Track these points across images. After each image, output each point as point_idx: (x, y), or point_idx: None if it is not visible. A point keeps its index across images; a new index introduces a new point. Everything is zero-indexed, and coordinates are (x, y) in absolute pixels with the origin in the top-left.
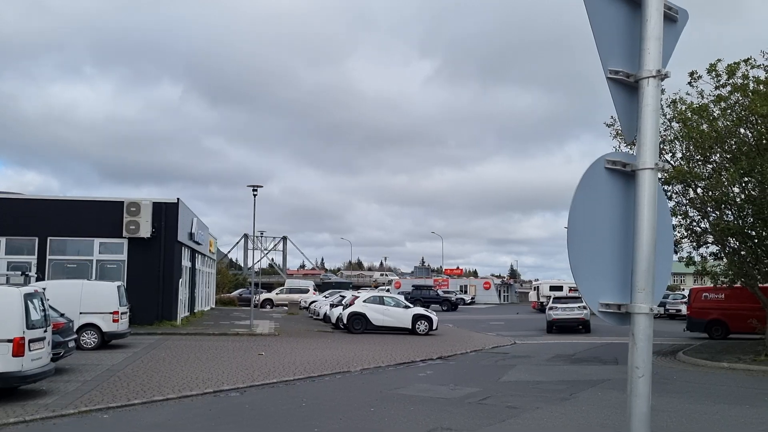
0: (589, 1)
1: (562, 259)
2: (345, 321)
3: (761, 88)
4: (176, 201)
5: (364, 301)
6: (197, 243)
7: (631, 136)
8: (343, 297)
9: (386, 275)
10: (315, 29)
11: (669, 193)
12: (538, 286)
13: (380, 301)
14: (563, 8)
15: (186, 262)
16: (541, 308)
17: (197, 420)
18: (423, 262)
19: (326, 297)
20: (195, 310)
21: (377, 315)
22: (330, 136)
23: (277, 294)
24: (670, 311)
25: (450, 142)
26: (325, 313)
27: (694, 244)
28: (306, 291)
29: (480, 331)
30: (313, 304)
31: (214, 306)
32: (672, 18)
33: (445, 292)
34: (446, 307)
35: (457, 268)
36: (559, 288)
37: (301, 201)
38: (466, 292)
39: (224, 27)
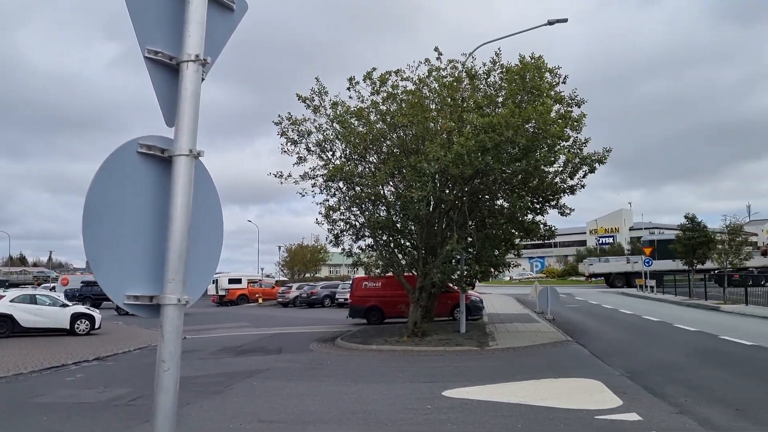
0: None
1: (250, 252)
2: None
3: (409, 98)
4: None
5: (11, 301)
6: None
7: (172, 121)
8: None
9: (43, 273)
10: None
11: (333, 190)
12: (217, 279)
13: (32, 300)
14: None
15: None
16: (220, 301)
17: None
18: None
19: None
20: None
21: (28, 316)
22: None
23: None
24: (339, 300)
25: (137, 130)
26: None
27: (354, 237)
28: None
29: (150, 327)
30: None
31: None
32: (227, 6)
33: None
34: None
35: None
36: (238, 281)
37: None
38: None
39: None
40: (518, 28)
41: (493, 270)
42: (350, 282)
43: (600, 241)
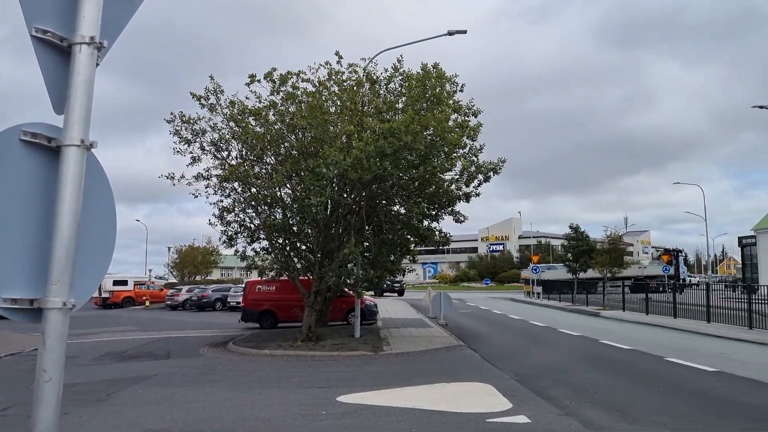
0: None
1: (138, 253)
2: None
3: (309, 99)
4: None
5: None
6: None
7: (62, 108)
8: None
9: None
10: None
11: (228, 191)
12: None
13: None
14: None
15: None
16: (104, 304)
17: None
18: None
19: None
20: None
21: None
22: None
23: None
24: (232, 303)
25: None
26: None
27: (248, 239)
28: None
29: (24, 332)
30: None
31: None
32: None
33: None
34: None
35: None
36: (124, 282)
37: None
38: None
39: None
40: (417, 38)
41: (388, 275)
42: (243, 285)
43: (491, 249)
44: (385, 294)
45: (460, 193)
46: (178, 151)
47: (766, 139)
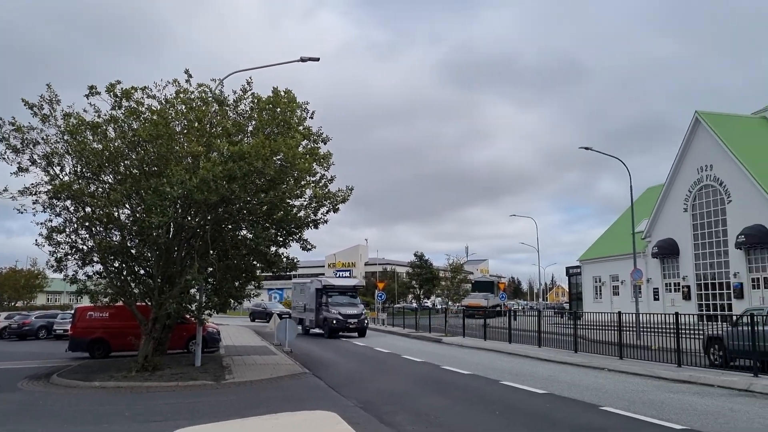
0: None
1: None
2: None
3: (154, 117)
4: None
5: None
6: None
7: None
8: None
9: None
10: None
11: (59, 209)
12: None
13: None
14: None
15: None
16: None
17: None
18: None
19: None
20: None
21: None
22: None
23: None
24: (58, 331)
25: None
26: None
27: (80, 262)
28: None
29: None
30: None
31: None
32: None
33: None
34: None
35: None
36: None
37: None
38: None
39: None
40: (267, 64)
41: (232, 301)
42: (72, 312)
43: (338, 275)
44: (341, 335)
45: (309, 220)
46: (2, 158)
47: (588, 178)
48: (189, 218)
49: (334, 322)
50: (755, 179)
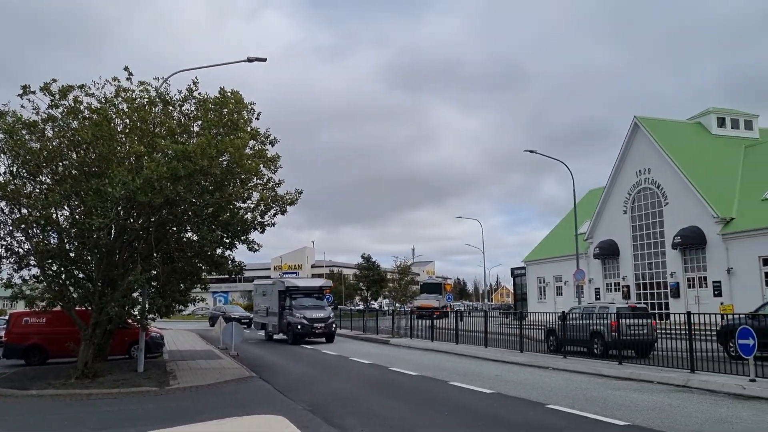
0: None
1: None
2: None
3: (94, 116)
4: None
5: None
6: None
7: None
8: None
9: None
10: None
11: None
12: None
13: None
14: None
15: None
16: None
17: None
18: None
19: None
20: None
21: None
22: None
23: None
24: None
25: None
26: None
27: (15, 266)
28: None
29: None
30: None
31: None
32: None
33: None
34: None
35: None
36: None
37: None
38: None
39: None
40: (214, 63)
41: (177, 305)
42: (6, 317)
43: (283, 277)
44: (308, 340)
45: (256, 223)
46: None
47: (531, 181)
48: (132, 220)
49: (299, 327)
50: (691, 182)
